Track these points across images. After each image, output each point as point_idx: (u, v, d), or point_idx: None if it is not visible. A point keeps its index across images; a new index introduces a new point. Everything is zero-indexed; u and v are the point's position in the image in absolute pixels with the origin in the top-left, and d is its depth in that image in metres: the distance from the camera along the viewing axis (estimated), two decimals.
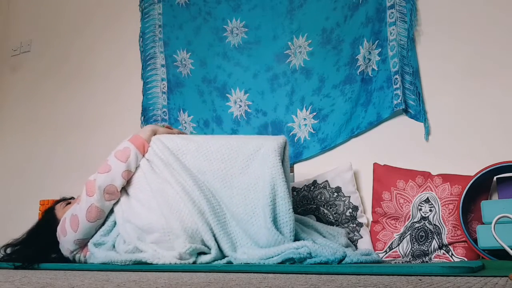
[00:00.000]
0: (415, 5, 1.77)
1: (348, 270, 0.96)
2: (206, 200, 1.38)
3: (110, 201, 1.47)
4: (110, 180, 1.46)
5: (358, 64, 1.84)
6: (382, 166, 1.73)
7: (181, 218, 1.35)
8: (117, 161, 1.48)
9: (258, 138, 1.50)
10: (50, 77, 2.75)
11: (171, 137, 1.57)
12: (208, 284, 0.73)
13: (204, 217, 1.35)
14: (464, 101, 1.70)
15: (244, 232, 1.36)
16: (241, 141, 1.48)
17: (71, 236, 1.47)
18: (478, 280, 0.76)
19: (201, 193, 1.39)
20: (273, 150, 1.39)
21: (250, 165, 1.43)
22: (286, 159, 1.44)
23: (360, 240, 1.68)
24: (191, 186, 1.40)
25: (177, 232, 1.33)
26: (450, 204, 1.56)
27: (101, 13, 2.64)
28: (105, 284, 0.76)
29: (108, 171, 1.47)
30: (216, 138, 1.54)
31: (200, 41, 2.23)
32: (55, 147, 2.63)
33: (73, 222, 1.46)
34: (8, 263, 1.44)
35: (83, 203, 1.46)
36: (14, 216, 2.59)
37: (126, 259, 1.32)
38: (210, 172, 1.44)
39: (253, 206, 1.37)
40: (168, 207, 1.37)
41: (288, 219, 1.33)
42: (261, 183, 1.37)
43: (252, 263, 1.23)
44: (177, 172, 1.45)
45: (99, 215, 1.47)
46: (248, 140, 1.48)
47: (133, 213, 1.43)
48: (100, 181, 1.45)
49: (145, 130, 1.60)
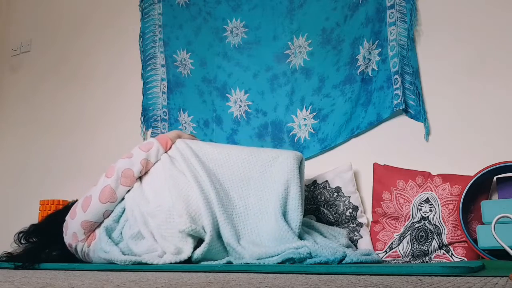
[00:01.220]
0: (415, 5, 1.77)
1: (348, 270, 0.96)
2: (215, 191, 1.43)
3: (125, 186, 1.53)
4: (129, 165, 1.54)
5: (358, 64, 1.84)
6: (382, 166, 1.73)
7: (187, 201, 1.40)
8: (139, 150, 1.58)
9: (277, 150, 1.61)
10: (50, 77, 2.75)
11: (195, 141, 1.69)
12: (208, 284, 0.73)
13: (209, 204, 1.39)
14: (464, 101, 1.70)
15: (253, 228, 1.40)
16: (261, 149, 1.58)
17: (80, 216, 1.49)
18: (478, 280, 0.76)
19: (212, 185, 1.44)
20: (292, 158, 1.47)
21: (267, 170, 1.50)
22: (302, 171, 1.52)
23: (360, 240, 1.68)
24: (204, 178, 1.46)
25: (180, 213, 1.37)
26: (450, 204, 1.56)
27: (101, 13, 2.64)
28: (105, 284, 0.76)
29: (129, 157, 1.56)
30: (238, 147, 1.65)
31: (200, 41, 2.23)
32: (55, 147, 2.63)
33: (85, 202, 1.51)
34: (8, 263, 1.44)
35: (100, 184, 1.53)
36: (14, 216, 2.59)
37: (126, 259, 1.32)
38: (228, 173, 1.52)
39: (266, 206, 1.43)
40: (177, 191, 1.43)
41: (296, 217, 1.38)
42: (277, 185, 1.44)
43: (252, 263, 1.23)
44: (194, 167, 1.51)
45: (111, 197, 1.51)
46: (268, 149, 1.59)
47: (142, 199, 1.48)
48: (120, 164, 1.54)
49: (171, 132, 1.72)
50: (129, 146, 1.69)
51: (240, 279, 0.84)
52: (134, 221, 1.44)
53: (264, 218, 1.41)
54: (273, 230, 1.34)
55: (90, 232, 1.51)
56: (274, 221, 1.36)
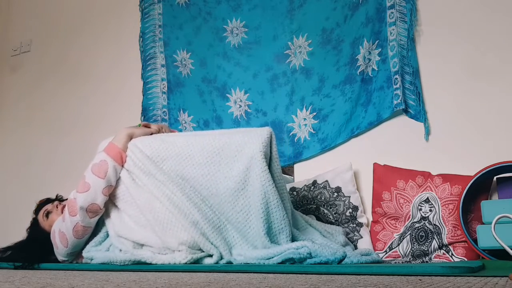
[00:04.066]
0: (415, 5, 1.77)
1: (348, 270, 0.96)
2: (197, 209, 1.32)
3: (94, 217, 1.45)
4: (91, 199, 1.40)
5: (358, 64, 1.84)
6: (382, 166, 1.73)
7: (176, 234, 1.31)
8: (96, 178, 1.41)
9: (241, 134, 1.38)
10: (50, 77, 2.75)
11: (148, 141, 1.47)
12: (208, 284, 0.73)
13: (198, 227, 1.31)
14: (464, 101, 1.70)
15: (241, 236, 1.34)
16: (223, 141, 1.38)
17: (63, 250, 1.48)
18: (478, 280, 0.76)
19: (191, 203, 1.32)
20: (258, 151, 1.30)
21: (233, 167, 1.34)
22: (274, 155, 1.37)
23: (360, 240, 1.68)
24: (179, 197, 1.33)
25: (174, 247, 1.31)
26: (450, 204, 1.56)
27: (101, 13, 2.64)
28: (105, 284, 0.76)
29: (87, 190, 1.40)
30: (198, 137, 1.43)
31: (200, 41, 2.23)
32: (55, 147, 2.63)
33: (62, 238, 1.46)
34: (8, 263, 1.44)
35: (68, 222, 1.42)
36: (14, 216, 2.59)
37: (126, 259, 1.32)
38: (194, 178, 1.37)
39: (245, 212, 1.32)
40: (160, 225, 1.33)
41: (283, 226, 1.30)
42: (250, 188, 1.32)
43: (252, 263, 1.23)
44: (162, 182, 1.37)
45: (86, 232, 1.46)
46: (231, 137, 1.38)
47: (126, 228, 1.42)
48: (80, 201, 1.39)
49: (120, 137, 1.50)
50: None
51: (240, 279, 0.84)
52: (123, 247, 1.40)
53: (251, 229, 1.32)
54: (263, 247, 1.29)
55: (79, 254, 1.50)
56: (260, 238, 1.29)
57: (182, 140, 1.44)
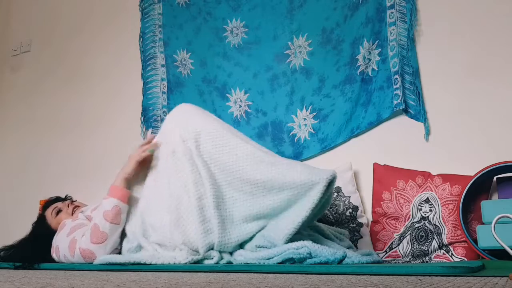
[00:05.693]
0: (415, 5, 1.77)
1: (348, 270, 0.96)
2: (219, 219, 1.29)
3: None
4: (110, 248, 1.41)
5: (358, 64, 1.84)
6: (382, 166, 1.73)
7: (185, 234, 1.31)
8: (112, 225, 1.41)
9: (308, 173, 1.29)
10: (50, 77, 2.75)
11: (219, 148, 1.39)
12: (208, 284, 0.73)
13: (209, 238, 1.29)
14: (464, 101, 1.70)
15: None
16: (288, 180, 1.27)
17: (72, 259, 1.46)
18: (478, 280, 0.76)
19: (217, 212, 1.30)
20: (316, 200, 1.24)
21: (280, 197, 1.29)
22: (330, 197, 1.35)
23: (360, 240, 1.68)
24: (210, 202, 1.31)
25: (177, 243, 1.32)
26: (450, 204, 1.56)
27: (101, 13, 2.64)
28: (105, 284, 0.76)
29: (105, 240, 1.39)
30: (264, 167, 1.32)
31: (200, 41, 2.23)
32: (55, 147, 2.63)
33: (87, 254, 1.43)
34: (8, 263, 1.44)
35: (76, 258, 1.42)
36: (14, 216, 2.59)
37: (125, 260, 1.32)
38: (232, 198, 1.34)
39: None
40: (176, 219, 1.33)
41: None
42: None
43: (252, 263, 1.23)
44: (202, 182, 1.35)
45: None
46: (294, 177, 1.28)
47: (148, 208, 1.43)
48: (99, 254, 1.38)
49: (119, 180, 1.48)
50: (129, 146, 1.68)
51: (240, 279, 0.84)
52: (132, 234, 1.42)
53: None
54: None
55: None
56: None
57: (252, 163, 1.34)
